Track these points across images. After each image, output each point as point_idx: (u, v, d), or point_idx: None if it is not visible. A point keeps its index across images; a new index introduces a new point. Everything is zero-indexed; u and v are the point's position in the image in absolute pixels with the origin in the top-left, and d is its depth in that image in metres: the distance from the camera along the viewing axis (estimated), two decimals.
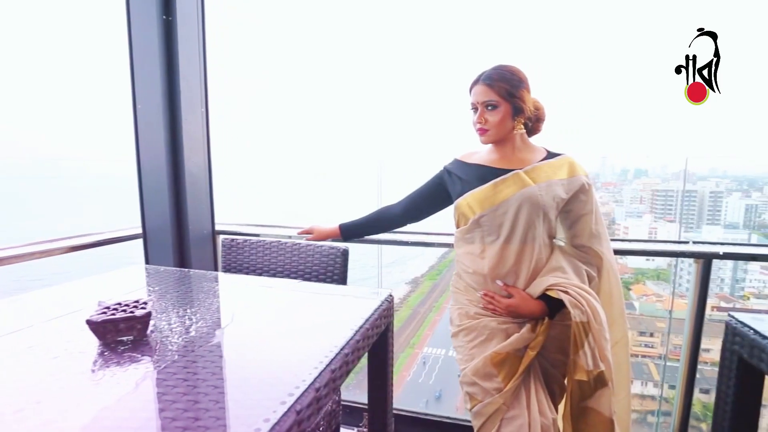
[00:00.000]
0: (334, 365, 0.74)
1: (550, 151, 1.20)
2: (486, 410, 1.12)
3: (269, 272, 1.37)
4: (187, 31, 1.54)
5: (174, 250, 1.61)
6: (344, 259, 1.31)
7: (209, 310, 0.96)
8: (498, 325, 1.15)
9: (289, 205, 3.52)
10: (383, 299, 1.01)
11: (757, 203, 6.39)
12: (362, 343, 0.87)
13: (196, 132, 1.63)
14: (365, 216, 1.47)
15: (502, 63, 1.17)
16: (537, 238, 1.12)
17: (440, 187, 1.31)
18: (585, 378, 1.05)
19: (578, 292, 1.08)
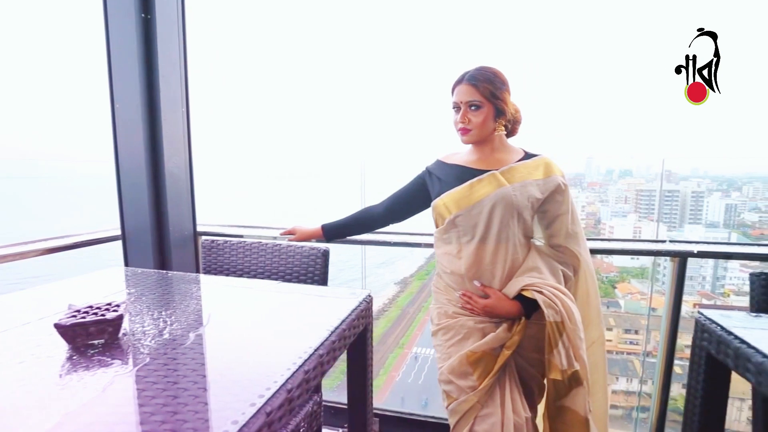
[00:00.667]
0: (308, 366, 0.74)
1: (527, 152, 1.21)
2: (461, 408, 1.13)
3: (250, 273, 1.36)
4: (166, 29, 1.52)
5: (154, 252, 1.59)
6: (325, 260, 1.31)
7: (185, 312, 0.95)
8: (475, 324, 1.16)
9: (272, 206, 3.49)
10: (361, 300, 1.01)
11: (737, 203, 6.55)
12: (338, 343, 0.87)
13: (177, 132, 1.61)
14: (348, 216, 1.48)
15: (484, 65, 1.18)
16: (512, 238, 1.13)
17: (421, 187, 1.31)
18: (559, 377, 1.06)
19: (553, 292, 1.09)
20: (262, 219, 1.94)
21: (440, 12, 55.46)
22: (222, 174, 3.60)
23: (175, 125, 1.60)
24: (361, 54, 47.09)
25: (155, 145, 1.55)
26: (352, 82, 45.19)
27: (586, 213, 6.90)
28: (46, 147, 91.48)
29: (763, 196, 6.28)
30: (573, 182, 7.25)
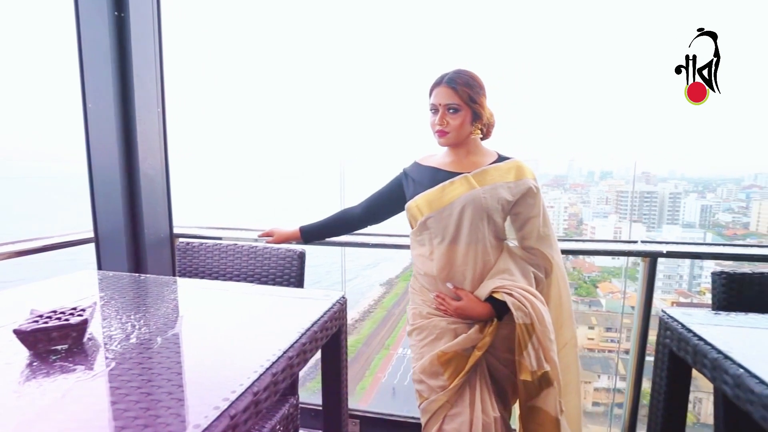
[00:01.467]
0: (276, 368, 0.74)
1: (500, 154, 1.23)
2: (431, 407, 1.14)
3: (226, 276, 1.35)
4: (141, 28, 1.50)
5: (128, 255, 1.56)
6: (300, 262, 1.30)
7: (155, 316, 0.94)
8: (447, 325, 1.17)
9: (251, 207, 3.45)
10: (334, 301, 1.01)
11: (711, 204, 6.75)
12: (310, 345, 0.87)
13: (152, 132, 1.59)
14: (326, 218, 1.48)
15: (462, 67, 1.19)
16: (482, 240, 1.15)
17: (398, 189, 1.32)
18: (529, 378, 1.08)
19: (523, 294, 1.10)
20: (241, 220, 1.92)
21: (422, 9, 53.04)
22: (201, 175, 3.54)
23: (151, 125, 1.57)
24: (341, 53, 44.52)
25: (129, 146, 1.52)
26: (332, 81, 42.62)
27: (569, 214, 7.01)
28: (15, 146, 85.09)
29: (735, 197, 6.49)
30: (556, 183, 7.34)
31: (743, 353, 0.76)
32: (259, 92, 8.79)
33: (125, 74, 1.49)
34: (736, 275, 1.07)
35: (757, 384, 0.68)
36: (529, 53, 6.86)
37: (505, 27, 6.81)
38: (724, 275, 1.08)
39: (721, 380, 0.76)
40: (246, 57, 12.12)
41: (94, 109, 1.48)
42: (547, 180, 6.90)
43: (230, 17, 12.67)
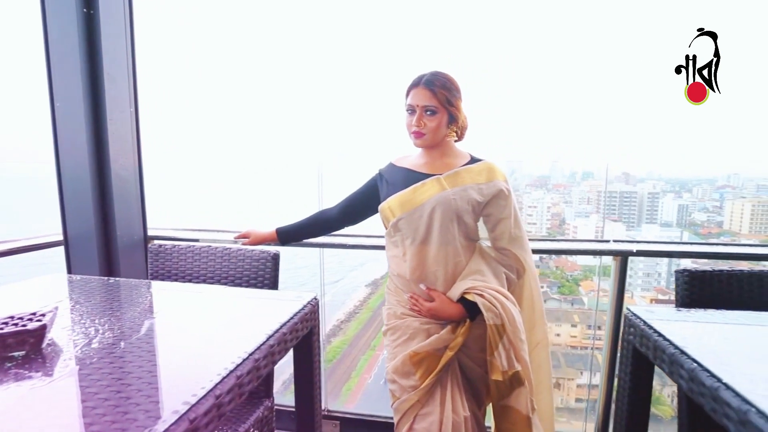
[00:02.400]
0: (241, 371, 0.73)
1: (473, 156, 1.25)
2: (402, 407, 1.14)
3: (199, 278, 1.33)
4: (111, 25, 1.47)
5: (100, 258, 1.53)
6: (275, 264, 1.29)
7: (121, 320, 0.92)
8: (420, 325, 1.18)
9: (229, 207, 3.41)
10: (305, 303, 1.01)
11: (688, 203, 6.94)
12: (278, 347, 0.87)
13: (125, 133, 1.56)
14: (302, 219, 1.47)
15: (439, 69, 1.20)
16: (453, 241, 1.15)
17: (374, 190, 1.33)
18: (501, 378, 1.09)
19: (494, 295, 1.11)
20: (218, 222, 1.90)
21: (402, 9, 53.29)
22: (178, 175, 3.48)
23: (123, 125, 1.54)
24: (319, 52, 44.49)
25: (100, 146, 1.48)
26: (309, 81, 42.23)
27: (552, 214, 7.12)
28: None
29: (710, 197, 6.69)
30: (539, 184, 7.45)
31: (698, 348, 0.78)
32: (237, 92, 8.62)
33: (95, 73, 1.45)
34: (697, 273, 1.11)
35: (708, 377, 0.70)
36: (514, 57, 6.93)
37: (488, 29, 6.84)
38: (686, 273, 1.11)
39: (678, 375, 0.78)
40: (223, 56, 11.84)
41: (63, 108, 1.45)
42: (531, 180, 7.00)
43: (207, 14, 12.29)
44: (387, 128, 1.37)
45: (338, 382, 5.24)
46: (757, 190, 6.43)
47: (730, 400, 0.64)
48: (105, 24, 1.44)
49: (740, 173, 6.63)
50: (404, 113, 1.21)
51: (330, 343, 7.13)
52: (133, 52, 1.56)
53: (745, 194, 6.51)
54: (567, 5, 11.96)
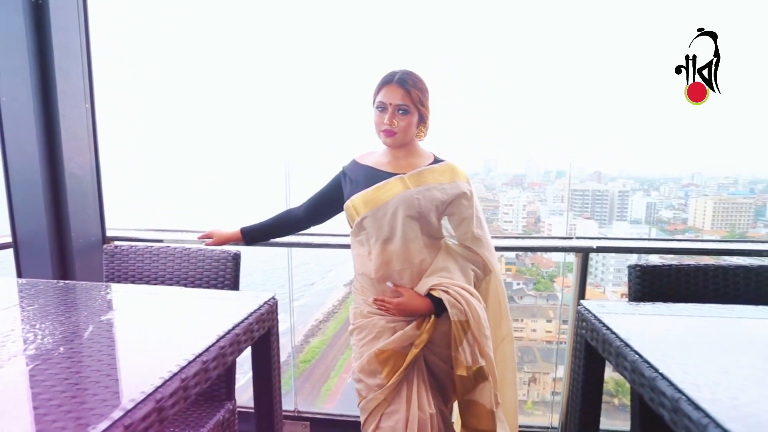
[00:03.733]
0: (187, 373, 0.71)
1: (436, 156, 1.26)
2: (368, 406, 1.14)
3: (157, 280, 1.30)
4: (63, 16, 1.40)
5: (53, 261, 1.46)
6: (235, 264, 1.27)
7: (63, 324, 0.88)
8: (387, 324, 1.18)
9: (196, 207, 3.32)
10: (262, 303, 0.99)
11: (656, 201, 7.20)
12: (230, 348, 0.85)
13: (79, 129, 1.49)
14: (268, 219, 1.45)
15: (408, 68, 1.20)
16: (416, 240, 1.16)
17: (338, 188, 1.32)
18: (465, 373, 1.10)
19: (459, 292, 1.13)
20: (185, 221, 1.85)
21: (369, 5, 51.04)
22: (144, 174, 3.37)
23: (77, 122, 1.48)
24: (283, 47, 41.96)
25: (52, 144, 1.42)
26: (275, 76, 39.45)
27: (527, 212, 7.25)
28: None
29: (676, 195, 6.96)
30: (514, 183, 7.58)
31: (641, 340, 0.81)
32: (202, 87, 8.46)
33: (45, 67, 1.39)
34: (648, 268, 1.15)
35: (647, 368, 0.73)
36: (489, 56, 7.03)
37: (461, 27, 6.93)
38: (638, 268, 1.15)
39: (622, 366, 0.81)
40: (187, 50, 11.57)
41: (10, 103, 1.38)
42: (507, 179, 7.12)
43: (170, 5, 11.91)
44: (355, 125, 1.35)
45: (317, 382, 5.20)
46: (718, 189, 6.73)
47: (665, 390, 0.67)
48: (55, 14, 1.37)
49: (703, 172, 6.92)
50: (372, 110, 1.20)
51: (308, 343, 7.09)
52: (87, 45, 1.50)
53: (707, 192, 6.81)
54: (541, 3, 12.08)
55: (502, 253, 6.63)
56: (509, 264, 6.61)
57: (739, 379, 0.67)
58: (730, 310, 0.97)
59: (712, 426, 0.57)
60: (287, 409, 1.91)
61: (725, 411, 0.59)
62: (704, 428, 0.58)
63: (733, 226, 6.59)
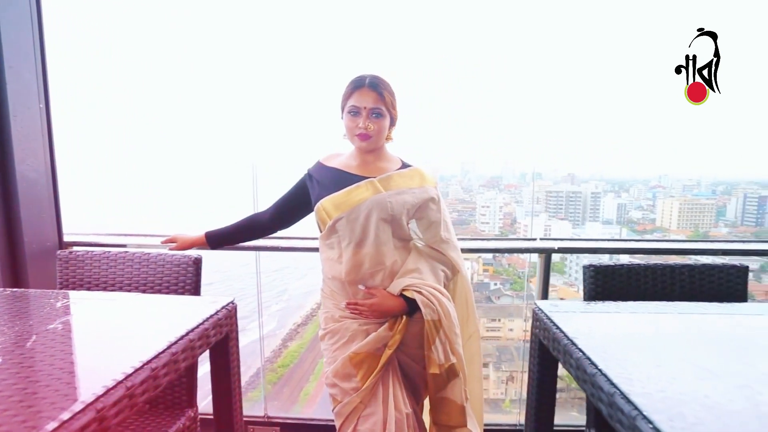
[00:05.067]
0: (133, 381, 0.70)
1: (404, 161, 1.27)
2: (344, 410, 1.14)
3: (115, 286, 1.26)
4: (12, 12, 1.34)
5: (3, 268, 1.40)
6: (196, 269, 1.25)
7: (5, 335, 0.85)
8: (359, 327, 1.18)
9: (160, 212, 3.25)
10: (219, 307, 0.98)
11: (626, 202, 7.46)
12: (184, 354, 0.84)
13: (32, 131, 1.44)
14: (233, 223, 1.43)
15: (375, 73, 1.20)
16: (388, 243, 1.18)
17: (303, 191, 1.31)
18: (438, 371, 1.12)
19: (431, 292, 1.15)
20: (148, 226, 1.81)
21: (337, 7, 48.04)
22: (107, 177, 3.26)
23: (30, 123, 1.43)
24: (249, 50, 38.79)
25: (2, 146, 1.36)
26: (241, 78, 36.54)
27: (504, 213, 7.38)
28: None
29: (645, 196, 7.24)
30: (491, 184, 7.71)
31: (587, 338, 0.84)
32: (167, 88, 8.17)
33: None
34: (601, 267, 1.19)
35: (589, 365, 0.76)
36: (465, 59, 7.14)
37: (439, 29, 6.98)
38: (592, 268, 1.20)
39: (569, 364, 0.84)
40: (151, 48, 11.06)
41: None
42: (484, 181, 7.25)
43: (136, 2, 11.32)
44: (321, 129, 1.35)
45: (296, 386, 5.13)
46: (683, 190, 7.04)
47: (603, 385, 0.70)
48: (5, 10, 1.32)
49: (669, 174, 7.22)
50: (340, 115, 1.21)
51: (287, 347, 7.01)
52: (41, 42, 1.44)
53: (673, 194, 7.11)
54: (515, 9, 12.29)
55: (480, 254, 6.75)
56: (486, 265, 6.72)
57: (670, 373, 0.71)
58: (673, 306, 1.02)
59: (639, 418, 0.60)
60: (257, 415, 1.88)
61: (653, 403, 0.62)
62: (633, 420, 0.61)
63: (696, 225, 6.90)
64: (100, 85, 5.64)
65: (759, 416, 0.59)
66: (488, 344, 5.07)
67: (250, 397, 2.55)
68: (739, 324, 0.94)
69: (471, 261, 6.27)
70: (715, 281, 1.19)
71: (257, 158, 1.60)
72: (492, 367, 4.66)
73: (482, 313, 6.28)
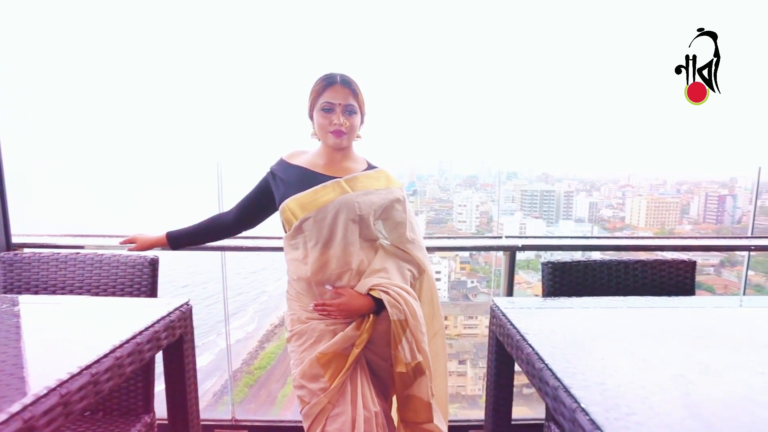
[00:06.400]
0: (69, 387, 0.67)
1: (370, 163, 1.27)
2: (312, 411, 1.13)
3: (65, 289, 1.21)
4: None
5: None
6: (153, 270, 1.21)
7: None
8: (326, 327, 1.17)
9: (121, 212, 3.14)
10: (172, 309, 0.95)
11: (597, 201, 7.69)
12: (130, 358, 0.81)
13: None
14: (197, 223, 1.39)
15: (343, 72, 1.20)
16: (355, 243, 1.17)
17: (266, 190, 1.29)
18: (404, 370, 1.13)
19: (398, 291, 1.15)
20: (108, 227, 1.74)
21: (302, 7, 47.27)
22: (64, 178, 3.13)
23: None
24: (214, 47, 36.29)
25: None
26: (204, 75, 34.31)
27: (480, 212, 7.48)
28: None
29: (615, 195, 7.48)
30: (468, 184, 7.81)
31: (537, 334, 0.86)
32: (129, 85, 7.82)
33: None
34: (558, 264, 1.22)
35: (537, 360, 0.77)
36: (443, 59, 7.17)
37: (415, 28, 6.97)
38: (550, 264, 1.22)
39: (521, 360, 0.86)
40: (110, 43, 10.57)
41: None
42: (461, 180, 7.34)
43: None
44: (289, 124, 1.33)
45: (274, 388, 5.06)
46: (650, 189, 7.32)
47: (548, 380, 0.72)
48: None
49: (637, 173, 7.49)
50: (308, 112, 1.19)
51: (264, 348, 6.89)
52: None
53: (641, 192, 7.38)
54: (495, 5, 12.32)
55: (457, 253, 6.74)
56: (464, 263, 6.80)
57: (612, 366, 0.73)
58: (623, 301, 1.05)
59: (579, 411, 0.62)
60: (224, 419, 1.85)
61: (592, 396, 0.64)
62: (573, 412, 0.62)
63: (663, 223, 7.19)
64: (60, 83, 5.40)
65: (687, 405, 0.61)
66: (466, 341, 5.12)
67: (225, 400, 2.50)
68: (682, 317, 0.98)
69: (448, 259, 6.34)
70: (665, 276, 1.24)
71: (222, 156, 1.56)
72: (469, 364, 4.71)
73: (460, 311, 6.35)
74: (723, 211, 6.42)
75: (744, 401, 0.62)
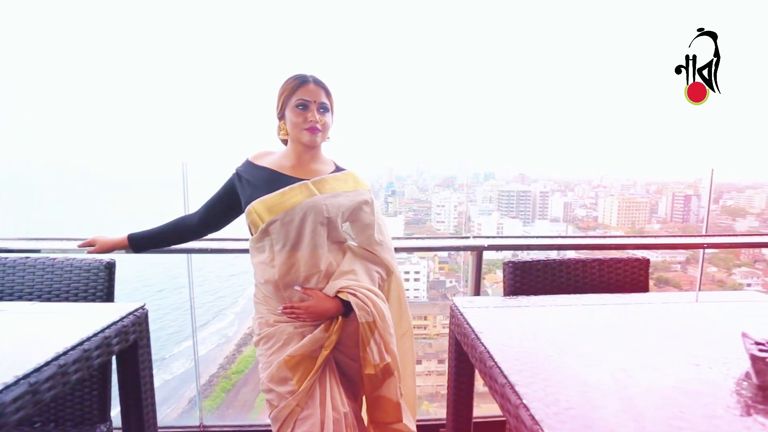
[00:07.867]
0: (2, 398, 0.64)
1: (337, 165, 1.27)
2: (281, 414, 1.11)
3: (13, 295, 1.15)
4: None
5: None
6: (109, 273, 1.18)
7: None
8: (295, 329, 1.16)
9: (82, 215, 3.03)
10: (125, 314, 0.93)
11: (572, 201, 7.89)
12: (76, 365, 0.78)
13: None
14: (160, 226, 1.35)
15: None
16: (323, 245, 1.17)
17: (232, 192, 1.27)
18: (373, 371, 1.13)
19: (366, 294, 1.15)
20: (67, 230, 1.68)
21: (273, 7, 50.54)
22: (21, 181, 3.00)
23: None
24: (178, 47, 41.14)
25: None
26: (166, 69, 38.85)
27: (458, 212, 7.57)
28: None
29: (588, 195, 7.70)
30: (446, 184, 7.88)
31: (491, 333, 0.88)
32: (90, 84, 7.64)
33: None
34: (519, 263, 1.25)
35: (489, 358, 0.79)
36: (422, 61, 7.22)
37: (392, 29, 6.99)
38: (510, 264, 1.25)
39: (475, 358, 0.87)
40: (76, 44, 10.24)
41: None
42: (439, 181, 7.42)
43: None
44: (255, 124, 1.31)
45: (251, 392, 4.98)
46: (621, 190, 7.57)
47: (497, 377, 0.73)
48: None
49: (609, 174, 7.73)
50: (277, 112, 1.18)
51: (241, 352, 6.75)
52: None
53: (613, 193, 7.63)
54: (472, 6, 12.51)
55: (435, 253, 6.81)
56: (442, 263, 6.86)
57: (558, 363, 0.76)
58: (578, 299, 1.09)
59: (521, 407, 0.63)
60: (191, 425, 1.81)
61: (535, 392, 0.66)
62: (516, 408, 0.64)
63: (633, 222, 7.45)
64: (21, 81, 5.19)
65: (622, 398, 0.64)
66: (445, 341, 5.18)
67: (203, 405, 2.45)
68: (633, 313, 1.02)
69: (427, 260, 6.38)
70: (621, 273, 1.29)
71: (188, 155, 1.52)
72: (447, 363, 4.77)
73: (439, 311, 6.40)
74: (689, 211, 6.70)
75: (674, 392, 0.65)
